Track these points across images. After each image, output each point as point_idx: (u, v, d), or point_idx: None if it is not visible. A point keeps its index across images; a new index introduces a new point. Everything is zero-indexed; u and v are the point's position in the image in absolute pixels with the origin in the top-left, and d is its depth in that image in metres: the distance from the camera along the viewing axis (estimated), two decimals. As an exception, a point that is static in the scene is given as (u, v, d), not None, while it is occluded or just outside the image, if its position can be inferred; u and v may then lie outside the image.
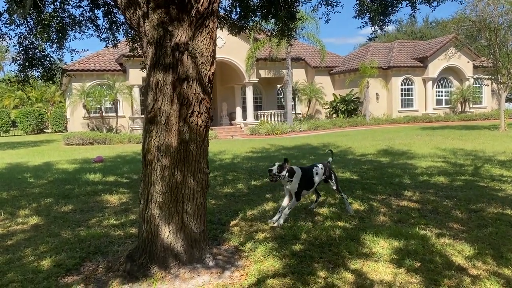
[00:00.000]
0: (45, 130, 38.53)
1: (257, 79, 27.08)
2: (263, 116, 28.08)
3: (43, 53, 9.50)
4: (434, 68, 31.36)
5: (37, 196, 8.40)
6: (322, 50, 27.54)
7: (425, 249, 4.55)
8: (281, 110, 29.06)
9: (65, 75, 11.20)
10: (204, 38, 3.91)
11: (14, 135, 35.94)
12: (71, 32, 10.09)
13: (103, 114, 25.53)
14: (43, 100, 42.89)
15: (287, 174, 5.72)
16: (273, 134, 24.40)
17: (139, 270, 3.94)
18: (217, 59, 20.91)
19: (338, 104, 30.52)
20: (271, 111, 28.77)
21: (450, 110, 32.62)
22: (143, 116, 22.39)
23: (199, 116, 3.88)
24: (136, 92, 25.52)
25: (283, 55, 26.55)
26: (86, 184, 9.62)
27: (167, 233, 3.92)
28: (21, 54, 9.42)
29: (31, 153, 19.24)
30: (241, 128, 27.03)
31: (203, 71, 3.91)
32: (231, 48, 25.39)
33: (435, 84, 32.24)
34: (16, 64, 9.88)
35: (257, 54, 26.49)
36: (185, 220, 3.95)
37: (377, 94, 30.43)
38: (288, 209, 5.77)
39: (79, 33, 10.02)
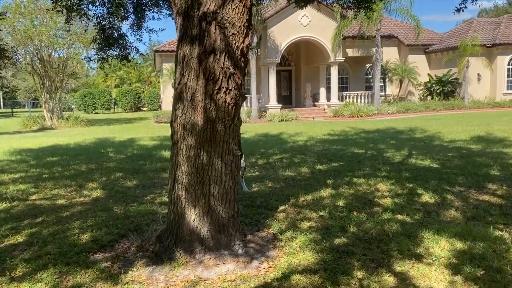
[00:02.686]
0: (142, 108, 41.08)
1: (343, 58, 25.92)
2: (349, 97, 26.95)
3: (119, 33, 9.83)
4: (551, 45, 27.46)
5: (110, 170, 8.80)
6: (417, 27, 25.41)
7: (495, 255, 3.83)
8: (369, 91, 27.63)
9: (138, 55, 11.64)
10: (236, 6, 3.55)
11: (114, 113, 38.83)
12: (148, 12, 10.34)
13: (190, 93, 26.36)
14: (140, 80, 45.69)
15: None
16: (358, 117, 23.29)
17: (165, 252, 3.81)
18: (301, 38, 20.45)
19: (433, 85, 28.16)
20: (357, 92, 27.50)
21: None
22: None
23: (227, 93, 3.56)
24: (221, 72, 25.91)
25: (373, 32, 25.05)
26: (158, 160, 9.90)
27: (193, 216, 3.72)
28: (99, 34, 9.83)
29: (122, 129, 20.52)
30: (325, 109, 26.23)
31: (234, 43, 3.57)
32: (316, 26, 24.56)
33: (551, 63, 28.29)
34: (96, 43, 10.38)
35: (344, 32, 25.29)
36: (211, 204, 3.71)
37: (478, 74, 27.53)
38: None
39: (156, 13, 10.21)
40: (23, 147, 13.51)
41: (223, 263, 3.66)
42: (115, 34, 9.86)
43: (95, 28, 10.74)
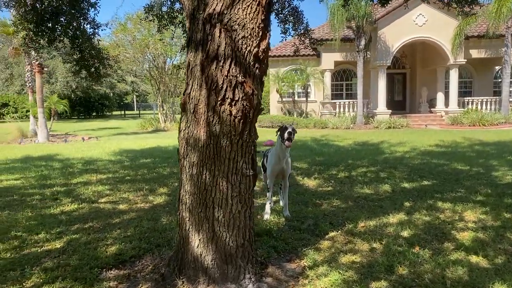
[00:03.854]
0: (253, 112, 42.00)
1: (465, 60, 23.25)
2: (471, 104, 24.12)
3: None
4: None
5: (187, 176, 8.84)
6: (560, 22, 21.68)
7: None
8: (497, 97, 24.39)
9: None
10: (248, 6, 3.08)
11: (227, 116, 40.39)
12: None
13: (295, 98, 26.10)
14: (254, 84, 46.80)
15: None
16: (479, 125, 20.63)
17: (170, 277, 3.47)
18: (416, 38, 18.92)
19: None
20: (482, 97, 24.46)
21: None
22: (333, 101, 22.05)
23: (233, 105, 3.09)
24: (327, 76, 25.18)
25: (503, 30, 22.00)
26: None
27: (197, 242, 3.32)
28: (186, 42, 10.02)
29: (225, 133, 20.97)
30: (442, 116, 23.81)
31: (245, 48, 3.09)
32: (434, 25, 22.45)
33: None
34: (183, 51, 10.60)
35: (467, 31, 22.70)
36: (216, 230, 3.27)
37: None
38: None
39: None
40: (128, 148, 14.52)
41: (226, 299, 3.19)
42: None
43: (183, 36, 11.03)
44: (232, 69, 3.06)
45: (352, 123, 22.44)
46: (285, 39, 9.32)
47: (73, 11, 10.02)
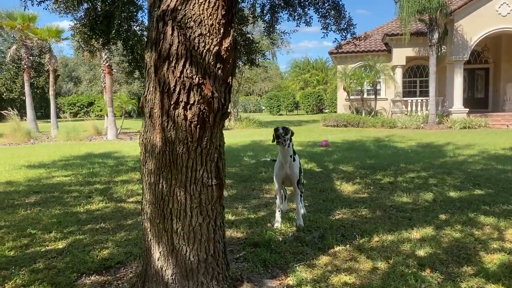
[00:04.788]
0: (323, 110, 41.22)
1: (558, 52, 20.71)
2: None
3: (245, 36, 9.73)
4: None
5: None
6: None
7: None
8: None
9: (263, 59, 11.37)
10: (206, 0, 2.81)
11: (297, 114, 39.94)
12: (281, 13, 9.95)
13: (364, 96, 25.00)
14: (326, 82, 45.89)
15: (291, 144, 4.98)
16: None
17: (137, 289, 3.32)
18: (499, 30, 17.49)
19: None
20: None
21: None
22: (405, 98, 21.01)
23: (188, 108, 2.84)
24: (398, 73, 23.82)
25: None
26: (279, 169, 9.43)
27: (157, 254, 3.12)
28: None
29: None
30: (529, 115, 21.45)
31: (203, 46, 2.82)
32: (520, 15, 20.26)
33: None
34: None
35: (561, 19, 20.20)
36: (175, 243, 3.04)
37: None
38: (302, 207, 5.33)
39: (290, 14, 9.73)
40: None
41: (182, 319, 2.96)
42: (240, 39, 9.79)
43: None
44: (186, 70, 2.81)
45: (423, 122, 20.99)
46: (327, 35, 8.85)
47: (123, 14, 10.36)
